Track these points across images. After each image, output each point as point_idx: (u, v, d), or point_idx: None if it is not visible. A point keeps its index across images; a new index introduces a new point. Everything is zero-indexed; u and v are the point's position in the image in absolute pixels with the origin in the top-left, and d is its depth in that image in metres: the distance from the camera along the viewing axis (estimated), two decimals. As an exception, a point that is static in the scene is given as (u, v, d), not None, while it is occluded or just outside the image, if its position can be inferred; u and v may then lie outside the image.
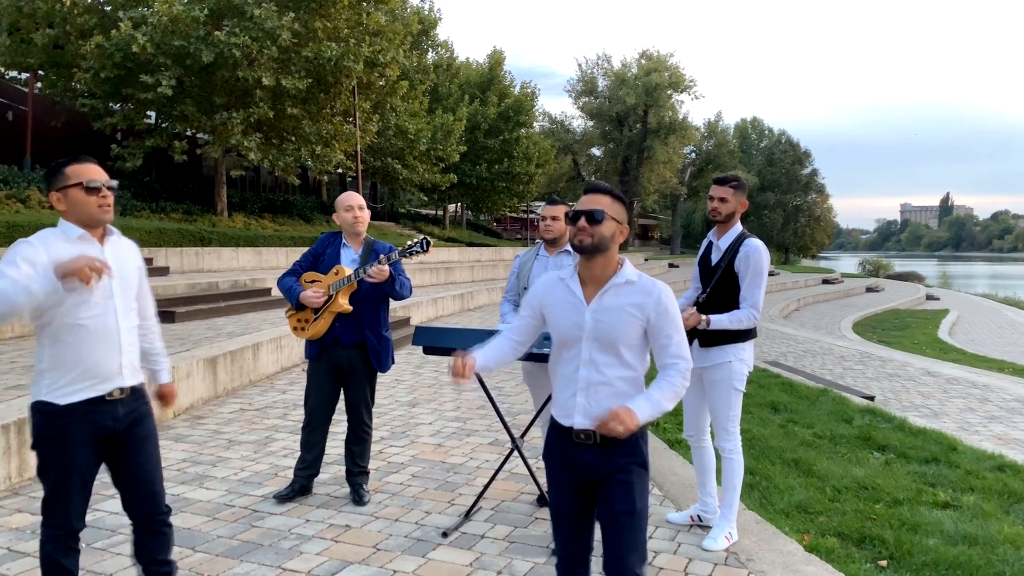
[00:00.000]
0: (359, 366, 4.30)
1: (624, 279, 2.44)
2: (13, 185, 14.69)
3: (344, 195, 4.33)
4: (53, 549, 2.60)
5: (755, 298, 3.73)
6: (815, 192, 71.13)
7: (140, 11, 16.25)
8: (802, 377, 9.49)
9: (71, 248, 2.55)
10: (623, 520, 2.37)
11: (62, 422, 2.55)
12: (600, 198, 2.43)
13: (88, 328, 2.57)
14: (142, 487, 2.72)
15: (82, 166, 2.59)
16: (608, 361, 2.41)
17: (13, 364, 6.41)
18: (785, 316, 24.85)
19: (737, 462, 3.88)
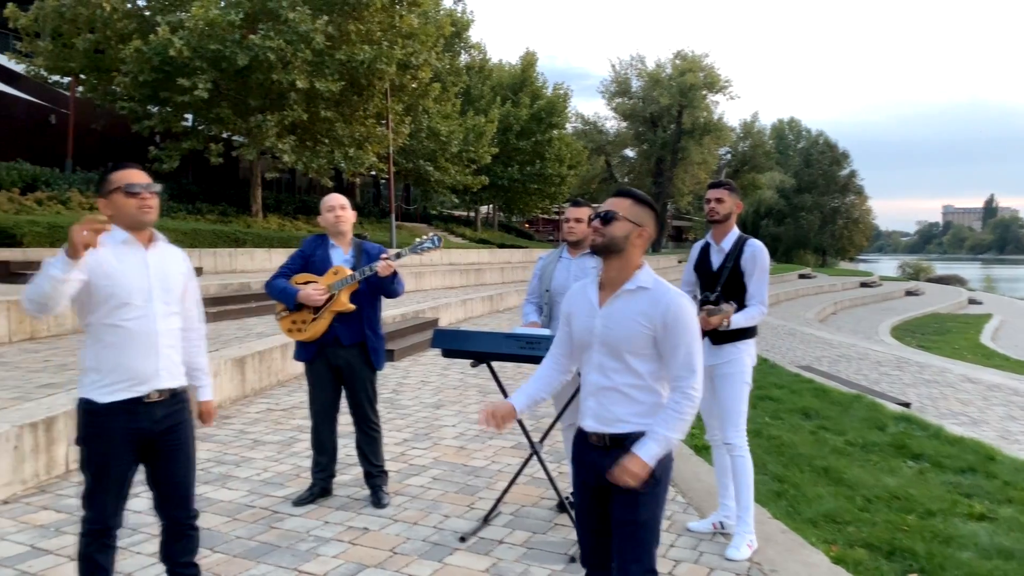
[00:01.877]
0: (359, 365, 4.30)
1: (636, 285, 2.39)
2: (55, 187, 15.02)
3: (326, 197, 4.36)
4: (88, 544, 2.66)
5: (763, 295, 3.87)
6: (853, 194, 69.92)
7: (177, 15, 16.54)
8: (835, 383, 9.30)
9: (116, 250, 2.65)
10: (625, 530, 2.36)
11: (103, 420, 2.63)
12: (620, 200, 2.43)
13: (127, 329, 2.63)
14: (175, 490, 2.78)
15: (124, 172, 2.68)
16: (616, 367, 2.39)
17: (47, 363, 6.53)
18: (821, 320, 24.44)
19: (747, 459, 3.87)
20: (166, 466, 2.76)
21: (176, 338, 2.76)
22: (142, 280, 2.67)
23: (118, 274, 2.63)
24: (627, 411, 2.37)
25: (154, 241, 2.76)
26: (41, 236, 11.79)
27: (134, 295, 2.64)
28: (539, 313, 4.29)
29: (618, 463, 2.29)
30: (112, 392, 2.64)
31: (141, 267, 2.68)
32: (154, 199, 2.70)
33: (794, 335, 16.70)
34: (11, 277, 10.22)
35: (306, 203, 23.60)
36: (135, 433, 2.66)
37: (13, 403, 4.90)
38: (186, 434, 2.80)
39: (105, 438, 2.63)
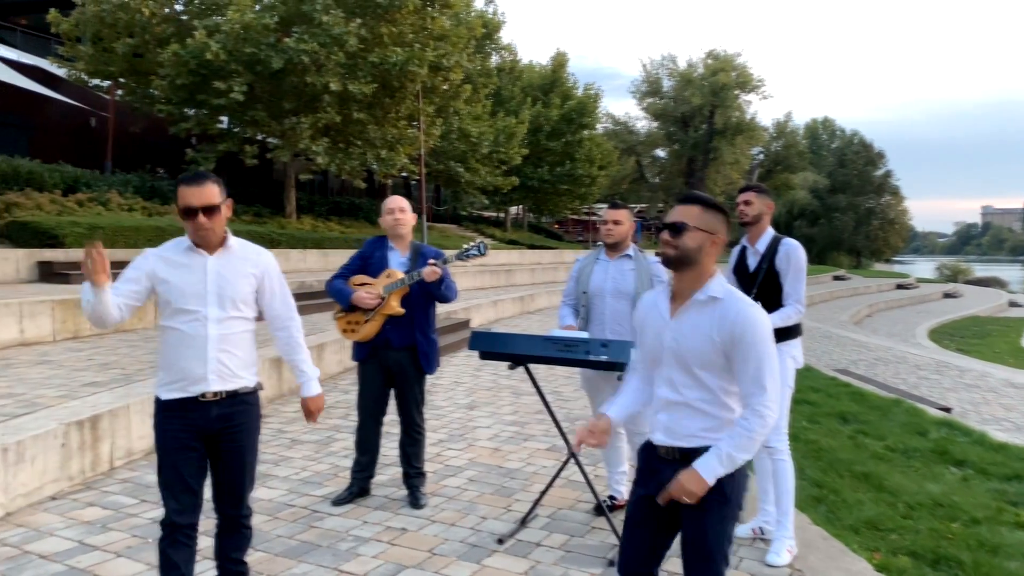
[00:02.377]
0: (408, 368, 4.32)
1: (707, 295, 2.29)
2: (95, 188, 15.31)
3: (387, 199, 4.39)
4: (162, 540, 2.75)
5: (799, 294, 3.82)
6: (889, 194, 68.82)
7: (214, 19, 16.79)
8: (873, 386, 9.16)
9: (180, 256, 2.75)
10: (694, 550, 2.31)
11: (163, 415, 2.75)
12: (689, 208, 2.32)
13: (182, 332, 2.72)
14: (229, 489, 2.85)
15: (184, 189, 2.69)
16: (685, 382, 2.31)
17: (91, 362, 6.66)
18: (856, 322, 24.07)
19: (788, 464, 3.84)
20: (223, 465, 2.82)
21: (234, 342, 2.78)
22: (198, 286, 2.73)
23: (174, 280, 2.72)
24: (698, 426, 2.30)
25: (224, 246, 2.79)
26: (82, 237, 12.03)
27: (188, 300, 2.71)
28: (576, 316, 4.28)
29: (675, 477, 2.23)
30: (170, 390, 2.74)
31: (199, 273, 2.74)
32: (212, 220, 2.69)
33: (829, 338, 16.47)
34: (54, 277, 10.45)
35: (338, 204, 23.81)
36: (192, 430, 2.74)
37: (60, 401, 5.01)
38: (244, 436, 2.82)
39: (166, 432, 2.74)
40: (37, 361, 6.61)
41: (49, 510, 4.09)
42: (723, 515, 2.28)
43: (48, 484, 4.26)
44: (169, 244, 2.81)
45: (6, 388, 5.41)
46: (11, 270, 10.33)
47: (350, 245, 18.92)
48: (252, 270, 2.84)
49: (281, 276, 2.96)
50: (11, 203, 12.90)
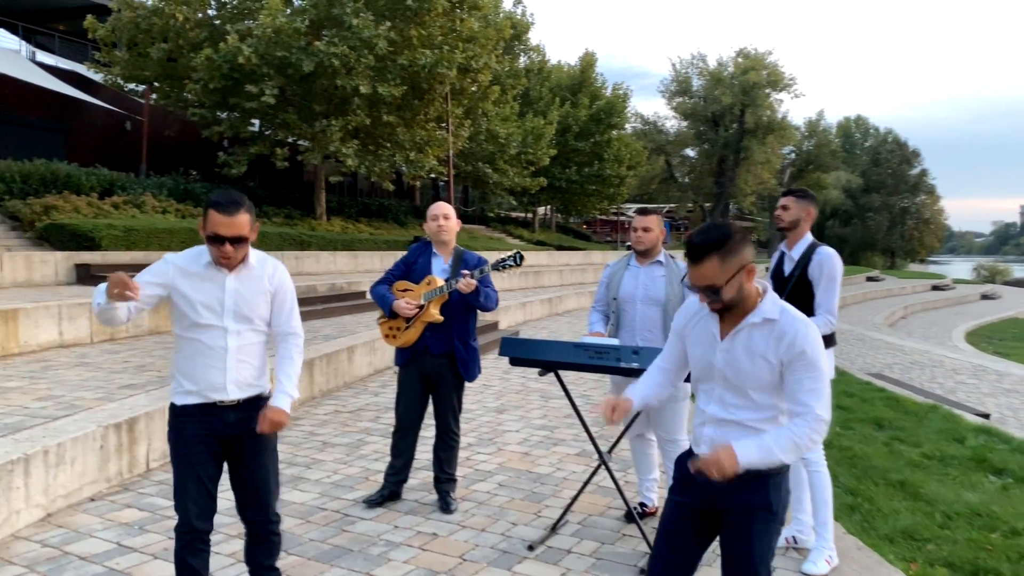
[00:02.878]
0: (447, 375, 4.34)
1: (761, 317, 2.24)
2: (130, 191, 15.58)
3: (433, 204, 4.39)
4: (180, 547, 2.77)
5: (830, 304, 3.74)
6: (924, 193, 67.64)
7: (246, 24, 17.01)
8: (909, 391, 9.00)
9: (200, 269, 2.76)
10: (735, 567, 2.29)
11: (180, 420, 2.78)
12: (707, 266, 2.16)
13: (200, 343, 2.75)
14: (252, 494, 2.86)
15: (214, 215, 2.64)
16: (737, 403, 2.29)
17: (127, 364, 6.78)
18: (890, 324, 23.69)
19: (824, 475, 3.77)
20: (244, 471, 2.85)
21: (250, 353, 2.82)
22: (215, 302, 2.75)
23: (192, 294, 2.75)
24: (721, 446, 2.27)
25: (243, 265, 2.80)
26: (118, 239, 12.26)
27: (205, 315, 2.75)
28: (605, 322, 4.27)
29: (710, 452, 2.19)
30: (187, 396, 2.78)
31: (218, 290, 2.76)
32: (238, 250, 2.70)
33: (863, 340, 16.22)
34: (91, 279, 10.66)
35: (368, 206, 23.98)
36: (210, 434, 2.77)
37: (98, 403, 5.11)
38: (264, 439, 2.85)
39: (182, 437, 2.77)
40: (75, 363, 6.74)
41: (88, 511, 4.17)
42: (769, 530, 2.27)
43: (87, 486, 4.35)
44: (190, 254, 2.80)
45: (46, 390, 5.53)
46: (50, 272, 10.55)
47: (379, 247, 19.05)
48: (268, 287, 2.87)
49: (293, 292, 2.98)
50: (50, 206, 13.18)
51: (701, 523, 2.36)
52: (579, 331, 13.31)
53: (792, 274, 3.81)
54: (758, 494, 2.25)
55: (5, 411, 4.85)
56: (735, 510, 2.27)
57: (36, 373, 6.22)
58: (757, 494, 2.25)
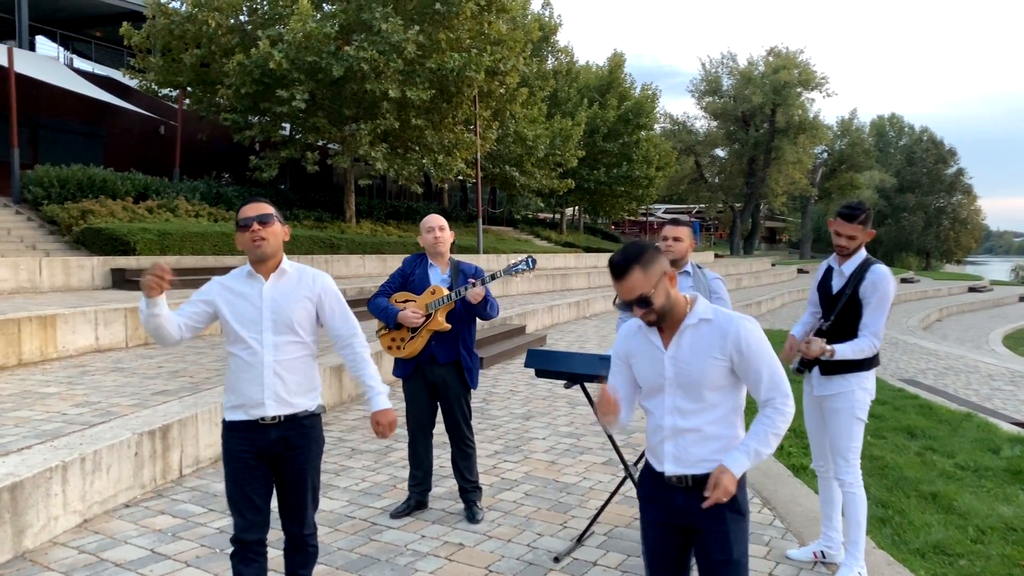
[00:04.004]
0: (453, 384, 4.38)
1: (697, 319, 2.34)
2: (164, 195, 15.88)
3: (426, 217, 4.43)
4: (233, 556, 2.84)
5: (876, 326, 3.62)
6: (961, 193, 66.39)
7: (277, 29, 17.22)
8: (943, 398, 8.85)
9: (241, 284, 2.85)
10: (722, 571, 2.33)
11: (228, 435, 2.85)
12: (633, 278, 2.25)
13: (240, 359, 2.82)
14: (290, 509, 2.92)
15: (244, 206, 2.81)
16: (693, 408, 2.34)
17: (161, 369, 6.91)
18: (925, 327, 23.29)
19: (860, 496, 3.70)
20: (285, 485, 2.90)
21: (291, 367, 2.84)
22: (254, 313, 2.80)
23: (235, 308, 2.82)
24: (708, 450, 2.33)
25: (277, 271, 2.86)
26: (152, 243, 12.50)
27: (246, 328, 2.80)
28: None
29: (710, 482, 2.25)
30: (234, 412, 2.85)
31: (256, 300, 2.81)
32: (266, 229, 2.78)
33: (895, 344, 15.97)
34: (127, 284, 10.87)
35: (396, 209, 24.15)
36: (254, 450, 2.82)
37: (133, 410, 5.22)
38: (304, 458, 2.88)
39: (230, 453, 2.84)
40: (111, 368, 6.89)
41: (123, 517, 4.26)
42: (742, 529, 2.35)
43: (122, 492, 4.45)
44: (233, 272, 2.91)
45: (83, 396, 5.66)
46: (87, 277, 10.78)
47: (408, 249, 19.17)
48: (307, 294, 2.90)
49: (340, 295, 3.01)
50: (86, 210, 13.48)
51: (680, 539, 2.41)
52: (607, 335, 13.27)
53: (843, 291, 3.69)
54: (729, 502, 2.31)
55: (44, 417, 4.98)
56: (708, 519, 2.32)
57: (74, 378, 6.37)
58: (728, 502, 2.31)
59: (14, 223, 13.42)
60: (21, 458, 4.02)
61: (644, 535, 2.48)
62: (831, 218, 3.77)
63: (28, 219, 13.78)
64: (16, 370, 6.73)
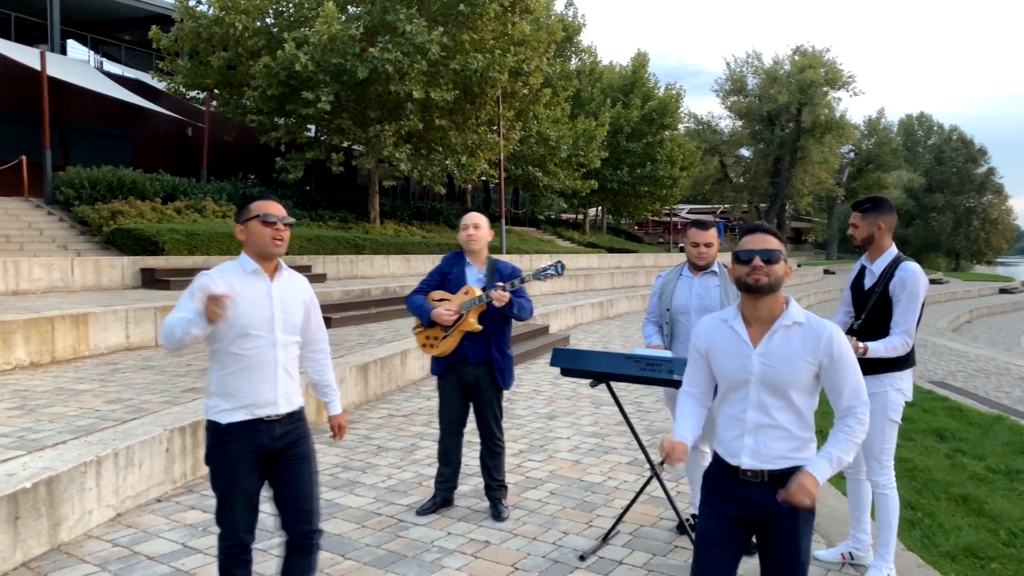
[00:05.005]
0: (485, 383, 4.40)
1: (791, 320, 2.38)
2: (191, 196, 16.08)
3: (466, 215, 4.44)
4: (225, 559, 2.80)
5: (908, 323, 3.59)
6: (991, 192, 65.34)
7: (302, 31, 17.38)
8: (973, 401, 8.72)
9: (244, 281, 2.78)
10: (786, 566, 2.37)
11: (225, 439, 2.76)
12: (769, 238, 2.40)
13: (248, 358, 2.75)
14: (297, 503, 2.84)
15: (264, 202, 2.80)
16: (778, 405, 2.38)
17: (189, 367, 7.01)
18: (954, 329, 22.94)
19: (892, 498, 3.67)
20: (287, 481, 2.84)
21: (294, 365, 2.87)
22: (265, 311, 2.78)
23: (244, 305, 2.74)
24: (787, 447, 2.38)
25: (279, 271, 2.87)
26: (180, 244, 12.67)
27: (257, 326, 2.76)
28: (661, 334, 4.26)
29: (793, 482, 2.29)
30: (233, 414, 2.76)
31: (265, 298, 2.79)
32: (287, 232, 2.80)
33: (924, 346, 15.76)
34: (156, 283, 11.03)
35: (420, 209, 24.25)
36: (256, 450, 2.77)
37: (163, 407, 5.30)
38: (306, 448, 2.89)
39: (228, 455, 2.75)
40: (142, 366, 7.00)
41: (155, 512, 4.33)
42: (811, 528, 2.41)
43: (153, 487, 4.52)
44: (226, 267, 2.80)
45: (115, 393, 5.76)
46: (117, 276, 10.96)
47: (431, 250, 19.25)
48: (304, 296, 2.94)
49: (315, 298, 3.05)
50: (116, 211, 13.70)
51: (740, 533, 2.43)
52: (630, 336, 13.24)
53: (873, 289, 3.68)
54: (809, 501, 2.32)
55: (78, 413, 5.07)
56: (780, 515, 2.36)
57: (105, 376, 6.48)
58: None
59: (46, 223, 13.67)
60: (57, 453, 4.10)
61: (700, 525, 2.49)
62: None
63: (60, 219, 14.03)
64: (50, 367, 6.86)
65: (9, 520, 3.46)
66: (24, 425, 4.73)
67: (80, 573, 3.53)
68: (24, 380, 6.25)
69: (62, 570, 3.55)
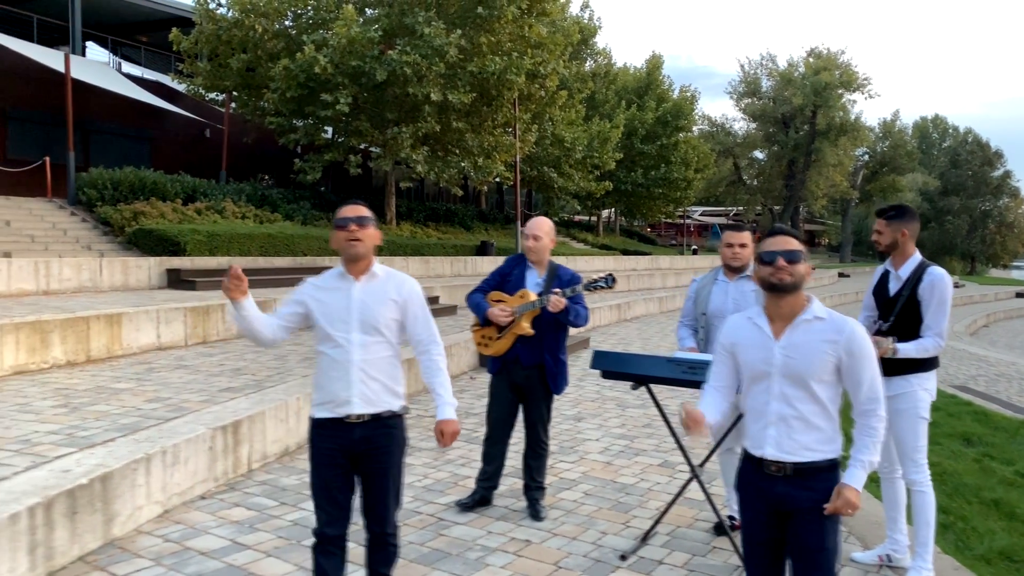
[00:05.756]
0: (536, 387, 4.45)
1: (813, 315, 2.49)
2: (211, 197, 16.22)
3: (531, 222, 4.50)
4: (314, 548, 2.92)
5: (940, 326, 3.70)
6: (1007, 196, 64.90)
7: (321, 34, 17.50)
8: (997, 405, 8.73)
9: (331, 284, 2.95)
10: (813, 557, 2.43)
11: (315, 432, 2.94)
12: (790, 240, 2.50)
13: (329, 357, 2.90)
14: (372, 507, 2.98)
15: (343, 208, 2.92)
16: (800, 395, 2.46)
17: (222, 367, 7.11)
18: (972, 333, 22.83)
19: (929, 495, 3.73)
20: (367, 484, 2.96)
21: (378, 367, 2.91)
22: (344, 313, 2.89)
23: (326, 308, 2.91)
24: (811, 439, 2.45)
25: (368, 273, 2.95)
26: (201, 244, 12.79)
27: (335, 326, 2.88)
28: (695, 337, 4.31)
29: (837, 498, 2.37)
30: (321, 410, 2.93)
31: (345, 300, 2.90)
32: (362, 231, 2.87)
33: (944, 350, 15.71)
34: (181, 284, 11.16)
35: (435, 211, 24.34)
36: (339, 448, 2.89)
37: (203, 406, 5.40)
38: (387, 458, 2.94)
39: (316, 449, 2.92)
40: (175, 365, 7.10)
41: (200, 509, 4.42)
42: (836, 519, 2.46)
43: (198, 484, 4.61)
44: (325, 273, 3.01)
45: (154, 392, 5.86)
46: (144, 277, 11.09)
47: (447, 252, 19.33)
48: (395, 297, 2.98)
49: (424, 302, 3.08)
50: (138, 212, 13.85)
51: (779, 527, 2.51)
52: (649, 338, 13.28)
53: (900, 294, 3.76)
54: (828, 490, 2.43)
55: (121, 412, 5.17)
56: (806, 507, 2.43)
57: (141, 375, 6.58)
58: (828, 490, 2.43)
59: (70, 224, 13.83)
60: (107, 450, 4.19)
61: (746, 527, 2.58)
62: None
63: (83, 220, 14.19)
64: (86, 366, 6.98)
65: (67, 515, 3.55)
66: (71, 423, 4.83)
67: (135, 567, 3.61)
68: (63, 379, 6.36)
69: (118, 564, 3.64)
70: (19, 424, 4.80)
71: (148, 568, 3.61)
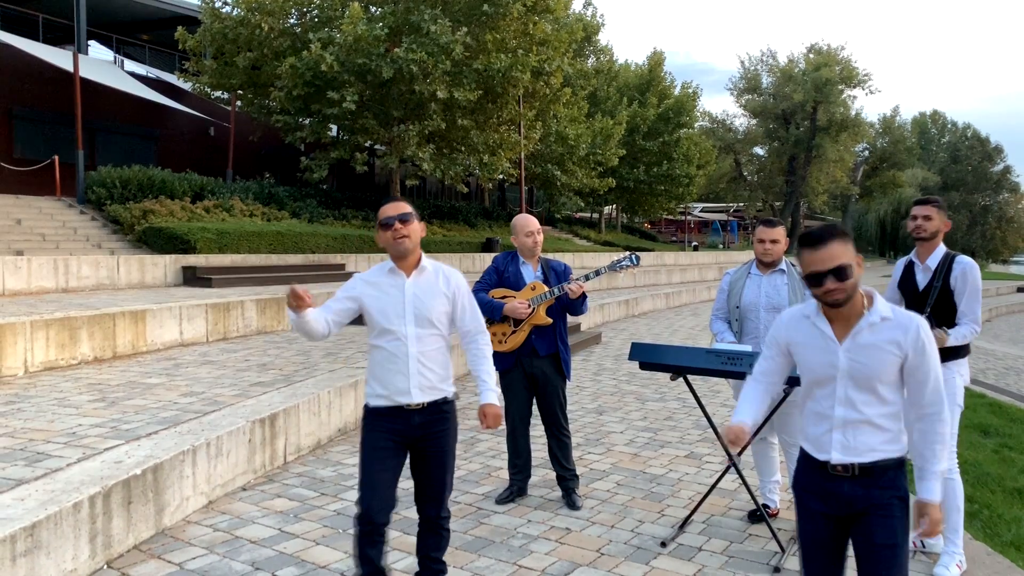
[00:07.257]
0: (551, 375, 4.58)
1: (878, 316, 2.38)
2: (219, 195, 16.27)
3: (522, 220, 4.55)
4: (359, 536, 2.97)
5: (975, 313, 3.81)
6: (1007, 191, 65.05)
7: (327, 32, 17.54)
8: (1010, 397, 8.82)
9: (383, 280, 3.02)
10: (885, 554, 2.37)
11: (371, 420, 3.01)
12: (834, 248, 2.30)
13: (386, 351, 2.99)
14: (429, 491, 3.07)
15: (384, 206, 3.00)
16: (866, 399, 2.39)
17: (247, 362, 7.18)
18: (974, 327, 22.91)
19: (957, 482, 3.82)
20: (423, 469, 3.06)
21: (432, 357, 3.01)
22: (398, 307, 2.98)
23: (380, 303, 3.00)
24: (878, 440, 2.39)
25: (417, 268, 3.04)
26: (211, 242, 12.86)
27: (391, 321, 2.98)
28: (731, 329, 4.39)
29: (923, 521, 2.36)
30: (378, 400, 3.01)
31: (399, 295, 2.99)
32: (407, 227, 2.95)
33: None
34: (197, 281, 11.22)
35: (439, 208, 24.41)
36: (397, 434, 2.99)
37: (237, 399, 5.47)
38: (444, 441, 3.05)
39: (373, 436, 2.99)
40: (201, 361, 7.17)
41: (243, 500, 4.50)
42: (907, 517, 2.41)
43: (239, 476, 4.68)
44: (374, 269, 3.08)
45: (186, 387, 5.93)
46: (160, 274, 11.16)
47: (452, 249, 19.40)
48: (445, 290, 3.07)
49: (471, 293, 3.17)
50: (147, 210, 13.91)
51: (840, 530, 2.47)
52: (659, 333, 13.35)
53: (932, 285, 3.84)
54: (895, 487, 2.38)
55: (159, 406, 5.24)
56: (876, 506, 2.38)
57: (170, 370, 6.65)
58: (894, 488, 2.38)
59: (79, 222, 13.89)
60: (153, 443, 4.26)
61: (801, 527, 2.53)
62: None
63: (92, 219, 14.25)
64: (113, 362, 7.04)
65: (123, 504, 3.63)
66: (112, 416, 4.90)
67: (189, 555, 3.69)
68: (93, 374, 6.43)
69: (172, 552, 3.72)
70: (62, 418, 4.87)
71: (202, 556, 3.69)
